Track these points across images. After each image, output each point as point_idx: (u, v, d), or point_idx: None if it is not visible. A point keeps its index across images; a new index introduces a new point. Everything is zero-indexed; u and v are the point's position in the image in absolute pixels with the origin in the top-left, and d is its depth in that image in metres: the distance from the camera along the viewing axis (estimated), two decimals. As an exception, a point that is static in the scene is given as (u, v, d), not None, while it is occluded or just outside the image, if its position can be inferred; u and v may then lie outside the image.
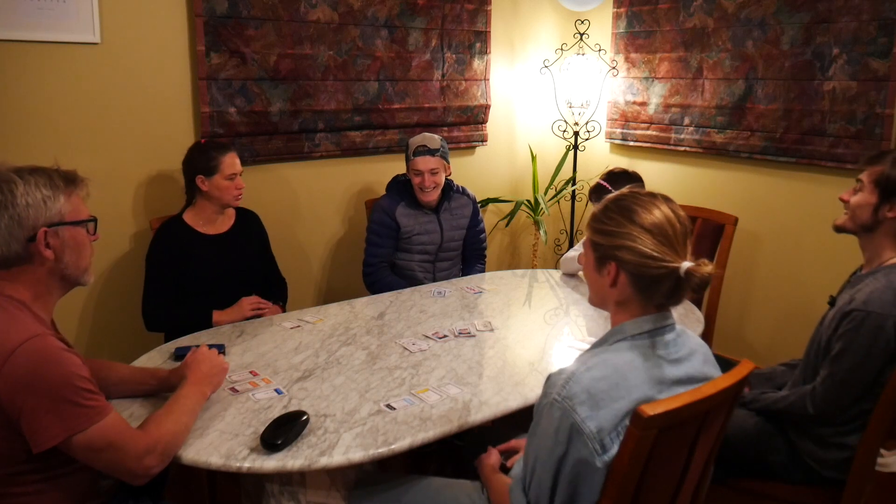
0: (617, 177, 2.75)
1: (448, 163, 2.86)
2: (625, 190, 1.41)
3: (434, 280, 2.92)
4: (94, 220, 1.53)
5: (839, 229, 1.97)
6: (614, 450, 1.23)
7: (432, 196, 2.84)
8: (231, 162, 2.50)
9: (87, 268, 1.53)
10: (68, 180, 1.49)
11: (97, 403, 1.38)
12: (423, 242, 2.90)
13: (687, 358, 1.36)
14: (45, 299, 1.47)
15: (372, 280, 2.86)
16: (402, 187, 2.91)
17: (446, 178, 2.89)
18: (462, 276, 2.99)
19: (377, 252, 2.87)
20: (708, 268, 1.30)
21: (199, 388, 1.63)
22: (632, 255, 1.30)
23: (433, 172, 2.79)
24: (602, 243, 1.35)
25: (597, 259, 1.37)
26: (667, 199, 1.37)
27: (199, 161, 2.49)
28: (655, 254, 1.29)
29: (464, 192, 3.02)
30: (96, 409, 1.37)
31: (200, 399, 1.62)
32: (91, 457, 1.39)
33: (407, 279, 2.89)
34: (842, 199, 1.96)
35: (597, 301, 1.45)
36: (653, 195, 1.38)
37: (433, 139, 2.82)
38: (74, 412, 1.34)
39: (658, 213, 1.32)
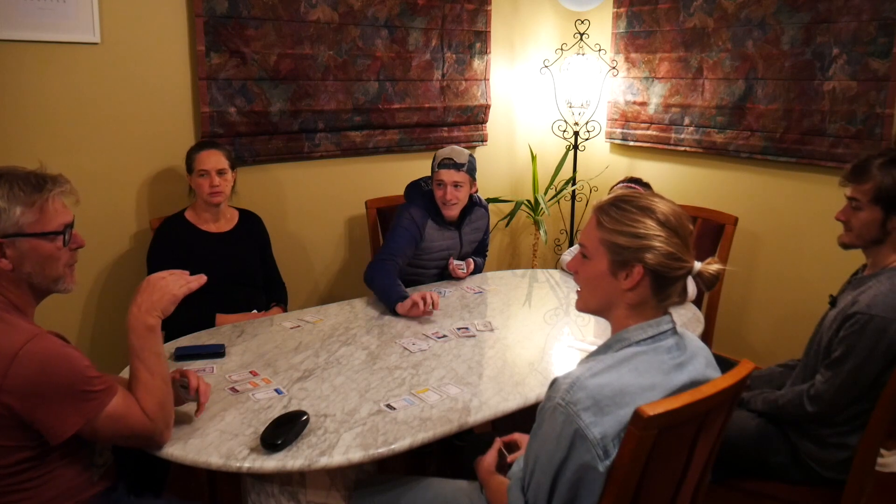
0: (636, 183, 2.76)
1: (475, 179, 2.74)
2: (627, 189, 1.41)
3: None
4: (59, 232, 1.46)
5: (847, 247, 1.96)
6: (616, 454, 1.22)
7: (453, 211, 2.72)
8: (203, 158, 2.53)
9: (58, 278, 1.48)
10: (35, 188, 1.43)
11: (105, 385, 1.42)
12: (442, 258, 2.80)
13: (689, 361, 1.35)
14: (22, 304, 1.46)
15: (372, 273, 2.52)
16: (427, 200, 2.74)
17: (470, 194, 2.76)
18: None
19: (395, 249, 2.60)
20: (716, 266, 1.31)
21: (142, 329, 1.48)
22: (659, 256, 1.28)
23: (456, 186, 2.66)
24: (628, 245, 1.29)
25: (616, 262, 1.31)
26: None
27: (186, 158, 2.60)
28: (679, 254, 1.28)
29: (480, 202, 2.90)
30: (106, 391, 1.41)
31: (149, 337, 1.48)
32: (111, 432, 1.43)
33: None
34: (839, 220, 1.95)
35: (599, 305, 1.38)
36: (656, 195, 1.37)
37: (461, 153, 2.68)
38: (88, 398, 1.38)
39: (672, 213, 1.31)
